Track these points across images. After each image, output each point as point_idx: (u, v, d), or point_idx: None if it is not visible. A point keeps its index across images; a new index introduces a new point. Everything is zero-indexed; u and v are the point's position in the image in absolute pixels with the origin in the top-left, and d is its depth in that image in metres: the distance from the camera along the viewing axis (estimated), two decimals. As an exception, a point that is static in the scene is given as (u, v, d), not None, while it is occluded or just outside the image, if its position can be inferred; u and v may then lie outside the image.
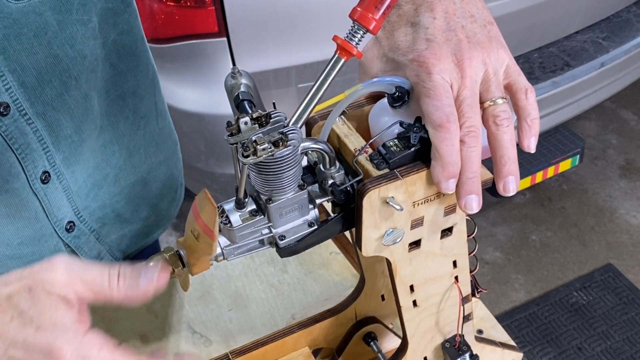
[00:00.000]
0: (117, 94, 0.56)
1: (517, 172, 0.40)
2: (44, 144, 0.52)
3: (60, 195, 0.55)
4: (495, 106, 0.40)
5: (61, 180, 0.55)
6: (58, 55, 0.49)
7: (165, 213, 0.69)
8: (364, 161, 0.42)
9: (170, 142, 0.66)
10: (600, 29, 1.56)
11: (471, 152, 0.39)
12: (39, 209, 0.55)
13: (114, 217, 0.62)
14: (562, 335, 1.46)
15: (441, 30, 0.40)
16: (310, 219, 0.43)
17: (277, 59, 1.18)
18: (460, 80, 0.39)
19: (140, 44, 0.57)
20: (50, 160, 0.53)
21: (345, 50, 0.41)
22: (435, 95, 0.39)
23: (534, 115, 0.41)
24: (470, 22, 0.41)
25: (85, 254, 0.60)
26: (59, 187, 0.55)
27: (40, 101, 0.50)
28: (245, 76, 0.42)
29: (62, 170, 0.54)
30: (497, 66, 0.40)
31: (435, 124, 0.39)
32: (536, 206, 1.76)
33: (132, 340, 0.61)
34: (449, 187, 0.40)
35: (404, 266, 0.45)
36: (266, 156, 0.38)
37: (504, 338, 0.59)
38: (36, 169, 0.52)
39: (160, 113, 0.63)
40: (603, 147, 1.91)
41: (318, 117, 0.45)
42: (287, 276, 0.67)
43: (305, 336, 0.53)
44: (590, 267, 1.61)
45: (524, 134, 0.41)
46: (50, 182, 0.54)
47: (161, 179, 0.66)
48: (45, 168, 0.53)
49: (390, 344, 0.57)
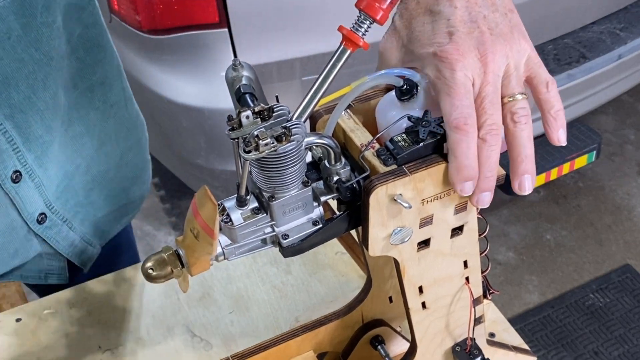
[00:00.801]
0: (85, 86, 0.57)
1: (534, 171, 0.40)
2: (14, 144, 0.52)
3: (31, 192, 0.56)
4: (514, 102, 0.39)
5: (33, 179, 0.55)
6: (23, 59, 0.49)
7: (138, 194, 0.70)
8: (371, 157, 0.41)
9: (139, 124, 0.67)
10: (617, 19, 1.53)
11: (491, 151, 0.39)
12: (9, 205, 0.55)
13: (87, 205, 0.62)
14: (577, 339, 1.43)
15: (463, 21, 0.39)
16: (314, 217, 0.42)
17: (280, 50, 1.17)
18: (482, 75, 0.39)
19: (105, 35, 0.58)
20: (22, 160, 0.53)
21: (351, 41, 0.40)
22: (455, 94, 0.38)
23: (558, 107, 0.40)
24: (491, 11, 0.40)
25: (57, 243, 0.61)
26: (30, 184, 0.55)
27: (7, 104, 0.50)
28: (246, 68, 0.41)
29: (34, 169, 0.55)
30: (519, 58, 0.40)
31: (452, 125, 0.38)
32: (551, 204, 1.73)
33: (129, 344, 0.61)
34: (464, 190, 0.39)
35: (413, 266, 0.44)
36: (269, 152, 0.37)
37: (517, 342, 0.58)
38: (6, 169, 0.53)
39: (129, 98, 0.64)
40: (620, 143, 1.88)
41: (323, 111, 0.44)
42: (290, 277, 0.66)
43: (309, 340, 0.53)
44: (607, 268, 1.58)
45: (551, 128, 0.40)
46: (21, 181, 0.54)
47: (133, 162, 0.67)
48: (16, 167, 0.53)
49: (398, 348, 0.56)
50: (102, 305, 0.64)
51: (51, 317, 0.63)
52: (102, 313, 0.63)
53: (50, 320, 0.63)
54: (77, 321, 0.62)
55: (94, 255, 0.66)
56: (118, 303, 0.64)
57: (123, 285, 0.65)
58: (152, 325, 0.62)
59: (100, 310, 0.63)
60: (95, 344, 0.61)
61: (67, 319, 0.63)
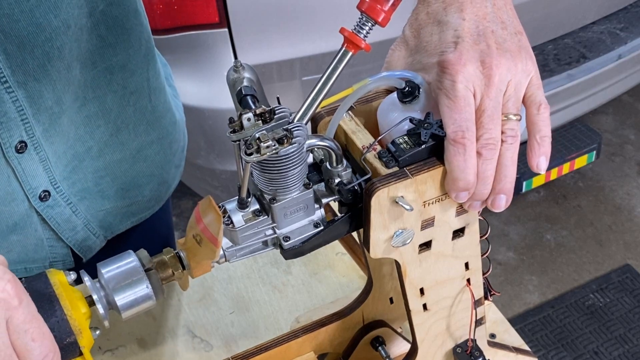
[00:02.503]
0: (104, 66, 0.56)
1: (511, 192, 0.40)
2: (23, 114, 0.51)
3: (35, 165, 0.55)
4: (506, 121, 0.39)
5: (39, 152, 0.54)
6: (41, 24, 0.48)
7: (154, 195, 0.67)
8: (373, 159, 0.41)
9: (165, 122, 0.65)
10: (617, 19, 1.53)
11: (487, 165, 0.39)
12: (12, 175, 0.54)
13: (96, 193, 0.61)
14: (577, 339, 1.43)
15: (470, 33, 0.39)
16: (316, 219, 0.42)
17: (280, 50, 1.16)
18: (484, 88, 0.38)
19: (132, 17, 0.56)
20: (29, 131, 0.53)
21: (353, 44, 0.40)
22: (455, 107, 0.38)
23: (545, 132, 0.40)
24: (500, 28, 0.40)
25: (58, 226, 0.60)
26: (35, 157, 0.54)
27: (21, 70, 0.49)
28: (248, 70, 0.41)
29: (40, 142, 0.54)
30: (521, 78, 0.39)
31: (450, 138, 0.38)
32: (551, 204, 1.73)
33: (130, 344, 0.61)
34: (458, 198, 0.40)
35: (414, 268, 0.44)
36: (270, 154, 0.37)
37: (517, 342, 0.58)
38: (11, 138, 0.52)
39: (154, 90, 0.62)
40: (620, 143, 1.88)
41: (324, 113, 0.44)
42: (291, 278, 0.66)
43: (310, 340, 0.52)
44: (607, 268, 1.58)
45: (533, 152, 0.40)
46: (25, 152, 0.53)
47: (152, 159, 0.64)
48: (22, 138, 0.53)
49: (399, 349, 0.56)
50: (102, 305, 0.64)
51: (52, 318, 0.63)
52: (102, 314, 0.63)
53: (50, 321, 0.63)
54: (78, 322, 0.62)
55: (96, 247, 0.64)
56: (119, 304, 0.64)
57: (124, 286, 0.65)
58: (153, 326, 0.62)
59: (100, 311, 0.63)
60: (96, 344, 0.61)
61: (67, 320, 0.63)
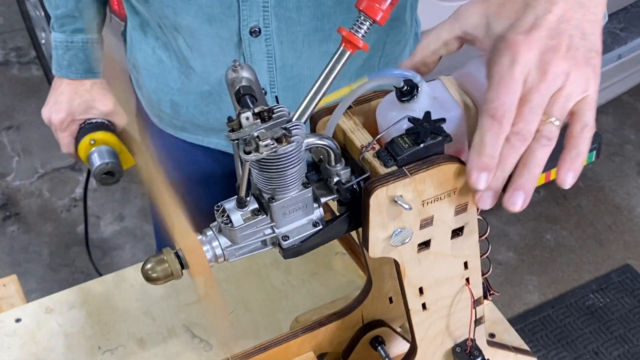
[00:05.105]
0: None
1: (530, 192, 0.39)
2: (265, 2, 0.58)
3: (262, 57, 0.61)
4: (546, 123, 0.39)
5: (268, 44, 0.60)
6: None
7: None
8: (371, 158, 0.41)
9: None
10: (617, 19, 1.53)
11: (511, 152, 0.38)
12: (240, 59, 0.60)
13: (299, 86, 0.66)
14: (577, 339, 1.43)
15: (549, 26, 0.39)
16: (314, 218, 0.42)
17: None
18: (536, 81, 0.38)
19: None
20: (266, 20, 0.58)
21: (351, 43, 0.40)
22: (505, 86, 0.38)
23: (582, 151, 0.39)
24: (579, 38, 0.39)
25: None
26: (263, 49, 0.60)
27: None
28: (246, 69, 0.41)
29: (272, 37, 0.60)
30: (575, 89, 0.39)
31: (490, 113, 0.38)
32: (551, 204, 1.73)
33: (129, 344, 0.61)
34: (478, 181, 0.38)
35: (413, 268, 0.44)
36: (269, 153, 0.37)
37: (517, 342, 0.58)
38: (250, 18, 0.58)
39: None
40: (621, 143, 1.88)
41: (323, 112, 0.44)
42: (290, 277, 0.66)
43: (309, 340, 0.52)
44: (607, 268, 1.58)
45: (564, 166, 0.39)
46: (257, 39, 0.60)
47: None
48: (258, 24, 0.59)
49: (398, 349, 0.56)
50: (102, 305, 0.64)
51: (51, 318, 0.63)
52: (102, 313, 0.63)
53: (50, 321, 0.63)
54: (77, 321, 0.62)
55: None
56: (118, 303, 0.64)
57: (123, 286, 0.65)
58: (152, 326, 0.62)
59: (100, 311, 0.63)
60: (95, 344, 0.61)
61: (67, 319, 0.63)
